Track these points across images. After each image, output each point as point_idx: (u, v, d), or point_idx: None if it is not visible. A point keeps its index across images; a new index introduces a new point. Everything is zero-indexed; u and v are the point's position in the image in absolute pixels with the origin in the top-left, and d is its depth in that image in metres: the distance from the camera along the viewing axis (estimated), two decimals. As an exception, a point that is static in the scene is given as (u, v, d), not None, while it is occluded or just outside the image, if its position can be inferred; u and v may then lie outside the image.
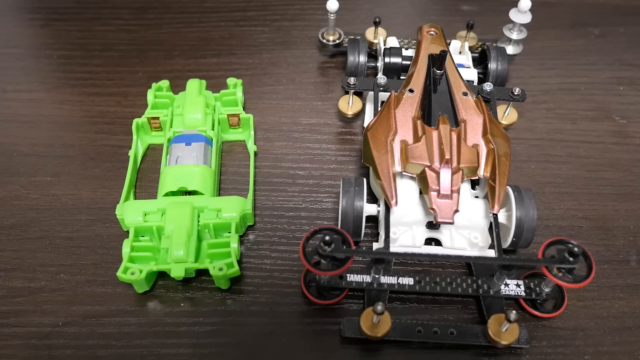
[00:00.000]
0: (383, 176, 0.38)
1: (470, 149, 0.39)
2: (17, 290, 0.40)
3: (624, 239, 0.43)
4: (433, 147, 0.38)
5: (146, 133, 0.47)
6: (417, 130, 0.39)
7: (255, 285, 0.40)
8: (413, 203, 0.39)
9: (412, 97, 0.42)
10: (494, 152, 0.39)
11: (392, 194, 0.37)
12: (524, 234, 0.38)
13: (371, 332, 0.35)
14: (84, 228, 0.43)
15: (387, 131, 0.40)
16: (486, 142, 0.40)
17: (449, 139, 0.38)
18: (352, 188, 0.39)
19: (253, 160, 0.46)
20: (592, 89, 0.53)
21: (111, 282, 0.40)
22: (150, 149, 0.48)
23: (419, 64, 0.44)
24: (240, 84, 0.49)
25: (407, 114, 0.41)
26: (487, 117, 0.41)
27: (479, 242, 0.39)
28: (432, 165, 0.38)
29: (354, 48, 0.50)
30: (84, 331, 0.38)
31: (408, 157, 0.38)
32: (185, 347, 0.38)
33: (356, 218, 0.39)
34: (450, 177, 0.37)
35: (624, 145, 0.49)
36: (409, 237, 0.39)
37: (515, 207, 0.38)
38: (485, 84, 0.45)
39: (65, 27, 0.57)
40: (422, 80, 0.43)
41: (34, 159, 0.47)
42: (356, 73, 0.50)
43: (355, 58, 0.49)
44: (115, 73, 0.53)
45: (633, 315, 0.39)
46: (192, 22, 0.58)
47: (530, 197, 0.39)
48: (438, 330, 0.36)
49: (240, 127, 0.48)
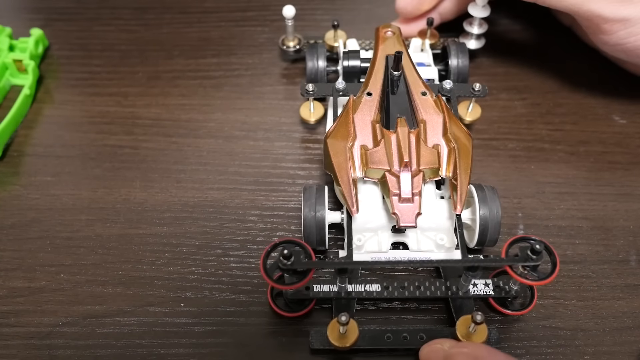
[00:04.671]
0: (343, 183, 0.37)
1: (430, 150, 0.38)
2: (17, 290, 0.40)
3: (623, 239, 0.43)
4: (392, 151, 0.38)
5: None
6: (376, 134, 0.39)
7: (255, 285, 0.40)
8: (376, 208, 0.39)
9: (370, 100, 0.41)
10: (455, 151, 0.38)
11: (352, 202, 0.37)
12: (489, 232, 0.38)
13: (339, 343, 0.34)
14: (84, 228, 0.43)
15: (346, 137, 0.39)
16: (447, 141, 0.39)
17: (407, 141, 0.38)
18: (313, 196, 0.38)
19: (19, 103, 0.48)
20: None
21: (111, 282, 0.40)
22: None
23: (376, 65, 0.43)
24: (41, 34, 0.53)
25: (365, 118, 0.40)
26: (447, 115, 0.40)
27: (445, 243, 0.39)
28: (392, 170, 0.37)
29: (312, 53, 0.49)
30: (84, 331, 0.38)
31: (368, 163, 0.38)
32: (185, 347, 0.38)
33: (319, 227, 0.38)
34: (411, 180, 0.37)
35: (624, 146, 0.49)
36: (374, 243, 0.39)
37: (478, 205, 0.38)
38: (445, 82, 0.44)
39: (65, 27, 0.57)
40: (380, 83, 0.42)
41: (34, 159, 0.47)
42: (316, 78, 0.49)
43: (314, 63, 0.48)
44: (115, 73, 0.53)
45: (633, 315, 0.39)
46: (192, 22, 0.58)
47: (493, 195, 0.38)
48: (407, 336, 0.36)
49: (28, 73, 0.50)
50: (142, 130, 0.49)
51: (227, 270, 0.41)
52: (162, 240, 0.43)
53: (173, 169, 0.47)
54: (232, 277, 0.41)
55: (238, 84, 0.53)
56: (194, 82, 0.53)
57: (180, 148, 0.48)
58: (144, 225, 0.43)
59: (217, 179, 0.46)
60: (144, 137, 0.49)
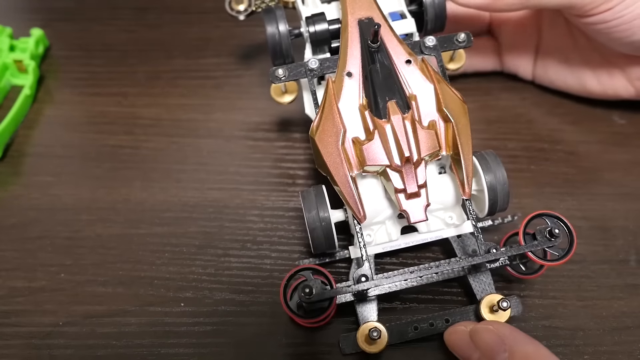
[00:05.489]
0: (343, 187, 0.35)
1: (428, 133, 0.35)
2: (18, 290, 0.40)
3: (623, 239, 0.43)
4: (389, 144, 0.35)
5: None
6: (367, 124, 0.36)
7: (255, 285, 0.40)
8: (380, 199, 0.37)
9: (352, 82, 0.37)
10: (453, 127, 0.36)
11: (358, 209, 0.35)
12: (499, 200, 0.37)
13: (371, 349, 0.35)
14: (84, 228, 0.43)
15: (335, 132, 0.36)
16: (442, 116, 0.36)
17: (403, 131, 0.35)
18: (313, 201, 0.36)
19: (20, 103, 0.48)
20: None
21: (111, 282, 0.40)
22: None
23: (349, 35, 0.38)
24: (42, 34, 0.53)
25: (351, 104, 0.36)
26: (437, 84, 0.37)
27: (454, 221, 0.38)
28: (393, 165, 0.34)
29: (270, 19, 0.42)
30: (84, 331, 0.38)
31: (364, 160, 0.35)
32: (185, 347, 0.38)
33: (326, 231, 0.36)
34: (414, 173, 0.34)
35: (624, 146, 0.49)
36: (384, 234, 0.38)
37: (483, 175, 0.37)
38: (426, 39, 0.40)
39: (66, 27, 0.57)
40: (357, 59, 0.38)
41: (34, 159, 0.47)
42: (281, 47, 0.41)
43: (274, 30, 0.41)
44: (116, 73, 0.53)
45: (632, 315, 0.39)
46: (192, 22, 0.58)
47: (495, 160, 0.37)
48: (433, 322, 0.37)
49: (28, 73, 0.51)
50: (142, 130, 0.49)
51: (227, 270, 0.41)
52: (162, 240, 0.43)
53: (173, 169, 0.47)
54: (232, 277, 0.41)
55: (238, 84, 0.53)
56: (194, 82, 0.53)
57: (180, 148, 0.48)
58: (144, 225, 0.43)
59: (217, 179, 0.46)
60: (144, 137, 0.49)
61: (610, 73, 0.47)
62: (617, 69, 0.46)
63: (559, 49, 0.48)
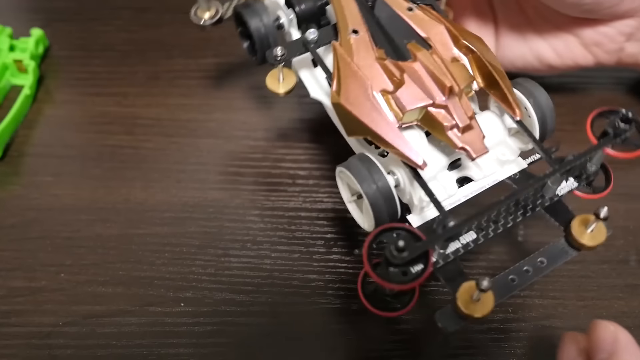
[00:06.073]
0: (391, 139, 0.32)
1: (458, 65, 0.34)
2: (18, 290, 0.40)
3: (623, 239, 0.43)
4: (424, 82, 0.32)
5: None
6: (392, 71, 0.33)
7: (255, 285, 0.40)
8: (427, 150, 0.34)
9: (360, 38, 0.35)
10: (479, 57, 0.34)
11: (416, 155, 0.31)
12: (548, 120, 0.35)
13: (479, 312, 0.29)
14: (84, 228, 0.43)
15: (361, 87, 0.33)
16: (464, 50, 0.35)
17: (437, 64, 0.33)
18: (361, 170, 0.32)
19: (20, 103, 0.48)
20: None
21: (111, 282, 0.40)
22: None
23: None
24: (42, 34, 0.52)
25: (368, 59, 0.34)
26: (447, 22, 0.36)
27: (508, 157, 0.35)
28: (436, 102, 0.32)
29: (251, 13, 0.39)
30: (84, 331, 0.38)
31: (403, 106, 0.32)
32: (185, 347, 0.38)
33: (388, 199, 0.32)
34: (460, 104, 0.32)
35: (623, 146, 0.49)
36: (440, 190, 0.34)
37: (524, 97, 0.35)
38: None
39: (66, 27, 0.57)
40: (358, 15, 0.36)
41: (34, 159, 0.47)
42: (268, 40, 0.39)
43: (258, 23, 0.39)
44: (115, 73, 0.53)
45: (632, 315, 0.39)
46: (192, 22, 0.58)
47: (529, 82, 0.35)
48: (529, 269, 0.32)
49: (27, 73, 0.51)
50: (142, 130, 0.49)
51: (227, 270, 0.41)
52: (162, 240, 0.43)
53: (173, 169, 0.47)
54: (232, 277, 0.41)
55: (238, 84, 0.53)
56: (194, 82, 0.53)
57: (180, 148, 0.48)
58: (144, 225, 0.43)
59: (217, 179, 0.46)
60: (144, 137, 0.49)
61: (565, 42, 0.46)
62: (571, 36, 0.46)
63: (514, 26, 0.47)
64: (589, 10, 0.42)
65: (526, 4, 0.47)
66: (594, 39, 0.45)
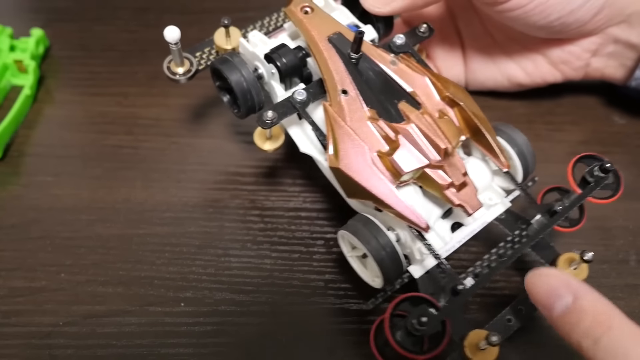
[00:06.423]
0: (394, 204, 0.33)
1: (447, 122, 0.35)
2: (18, 290, 0.40)
3: (623, 238, 0.43)
4: (419, 144, 0.33)
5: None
6: (386, 133, 0.34)
7: (255, 285, 0.40)
8: (422, 204, 0.35)
9: (350, 99, 0.35)
10: (463, 109, 0.35)
11: (419, 219, 0.33)
12: (529, 162, 0.37)
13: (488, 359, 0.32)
14: (84, 228, 0.43)
15: (359, 152, 0.34)
16: (449, 102, 0.36)
17: (428, 126, 0.34)
18: (365, 231, 0.33)
19: (20, 103, 0.48)
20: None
21: (111, 282, 0.40)
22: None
23: (324, 53, 0.37)
24: (42, 34, 0.52)
25: (361, 121, 0.35)
26: (428, 72, 0.37)
27: (494, 201, 0.37)
28: (432, 163, 0.33)
29: (230, 68, 0.38)
30: (85, 331, 0.38)
31: (400, 169, 0.33)
32: (185, 347, 0.38)
33: (393, 258, 0.33)
34: (455, 163, 0.34)
35: (624, 146, 0.49)
36: (436, 240, 0.35)
37: (507, 143, 0.37)
38: (395, 38, 0.39)
39: (66, 27, 0.57)
40: (345, 74, 0.36)
41: (34, 159, 0.47)
42: (251, 93, 0.38)
43: (238, 77, 0.37)
44: (115, 73, 0.53)
45: (632, 314, 0.39)
46: (192, 22, 0.58)
47: (509, 128, 0.38)
48: (522, 308, 0.34)
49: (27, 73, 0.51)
50: (142, 130, 0.49)
51: (227, 270, 0.41)
52: (162, 240, 0.43)
53: (173, 169, 0.47)
54: (232, 277, 0.41)
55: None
56: (194, 82, 0.52)
57: (180, 148, 0.48)
58: (144, 225, 0.43)
59: (217, 179, 0.46)
60: (144, 137, 0.49)
61: (533, 61, 0.47)
62: (539, 55, 0.47)
63: (482, 49, 0.48)
64: (557, 32, 0.43)
65: (492, 27, 0.47)
66: (562, 57, 0.46)
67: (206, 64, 0.43)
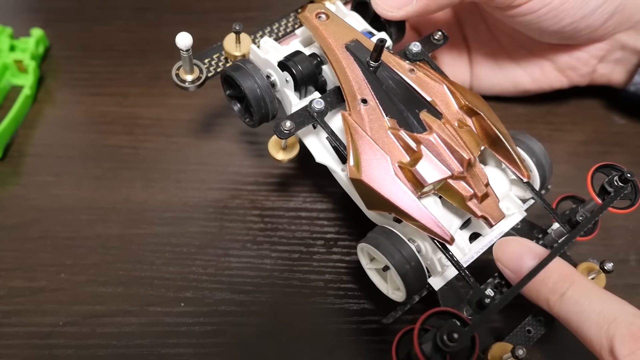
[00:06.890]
0: (418, 216, 0.32)
1: (468, 132, 0.34)
2: (18, 290, 0.40)
3: (623, 238, 0.43)
4: (442, 155, 0.33)
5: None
6: (407, 143, 0.33)
7: (255, 285, 0.40)
8: (442, 215, 0.34)
9: (370, 108, 0.34)
10: (483, 118, 0.35)
11: (444, 232, 0.32)
12: (546, 170, 0.37)
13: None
14: (84, 228, 0.43)
15: (381, 164, 0.33)
16: (467, 112, 0.35)
17: (451, 136, 0.33)
18: (388, 245, 0.32)
19: (20, 103, 0.48)
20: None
21: (111, 282, 0.40)
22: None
23: (342, 62, 0.36)
24: (42, 34, 0.52)
25: (381, 131, 0.34)
26: (447, 82, 0.36)
27: (512, 211, 0.36)
28: (455, 174, 0.32)
29: (243, 75, 0.37)
30: (85, 331, 0.38)
31: (423, 180, 0.32)
32: (185, 347, 0.38)
33: (417, 272, 0.32)
34: (477, 174, 0.33)
35: (624, 146, 0.49)
36: (455, 251, 0.34)
37: (525, 153, 0.37)
38: (411, 45, 0.38)
39: (66, 27, 0.57)
40: (364, 83, 0.35)
41: (34, 159, 0.47)
42: (265, 100, 0.37)
43: (252, 84, 0.37)
44: (116, 73, 0.53)
45: (632, 315, 0.39)
46: (192, 22, 0.58)
47: (527, 137, 0.37)
48: (542, 318, 0.35)
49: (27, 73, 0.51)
50: (142, 130, 0.49)
51: (227, 270, 0.41)
52: (162, 240, 0.43)
53: (173, 169, 0.47)
54: (232, 277, 0.41)
55: (238, 84, 0.52)
56: (194, 82, 0.53)
57: (180, 148, 0.48)
58: (144, 225, 0.43)
59: (217, 179, 0.46)
60: (144, 137, 0.49)
61: (540, 67, 0.47)
62: (546, 61, 0.47)
63: (488, 55, 0.48)
64: (568, 37, 0.43)
65: (500, 33, 0.47)
66: (569, 64, 0.46)
67: (215, 71, 0.41)
